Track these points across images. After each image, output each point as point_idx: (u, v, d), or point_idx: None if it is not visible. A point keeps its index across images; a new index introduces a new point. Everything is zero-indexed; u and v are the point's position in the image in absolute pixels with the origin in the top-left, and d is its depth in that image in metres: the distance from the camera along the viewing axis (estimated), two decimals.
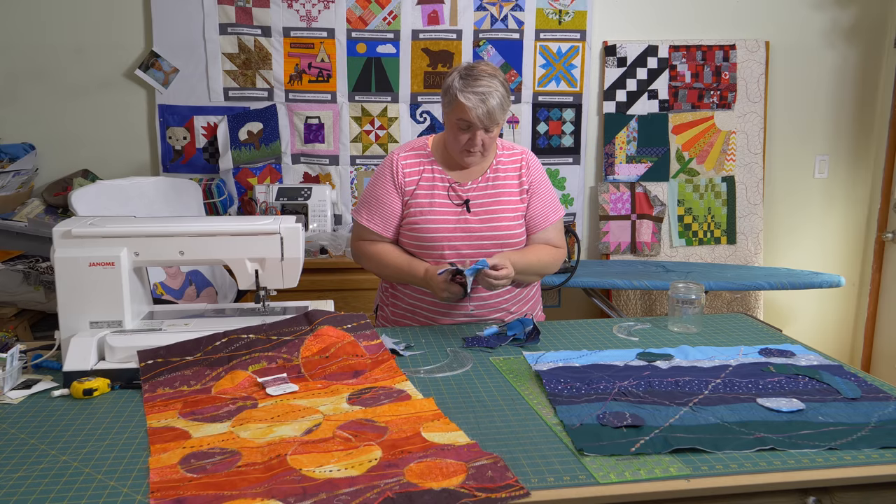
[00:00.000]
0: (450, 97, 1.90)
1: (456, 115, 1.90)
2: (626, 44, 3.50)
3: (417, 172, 2.01)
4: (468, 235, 1.98)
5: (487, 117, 1.86)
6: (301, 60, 3.34)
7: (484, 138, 1.92)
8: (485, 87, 1.85)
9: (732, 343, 1.84)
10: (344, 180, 3.45)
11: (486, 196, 2.01)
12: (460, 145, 1.93)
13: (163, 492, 1.11)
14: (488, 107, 1.85)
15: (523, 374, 1.62)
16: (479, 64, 1.92)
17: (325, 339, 1.62)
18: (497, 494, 1.09)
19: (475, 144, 1.92)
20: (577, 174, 3.58)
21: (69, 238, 1.60)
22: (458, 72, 1.91)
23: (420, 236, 1.98)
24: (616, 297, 3.56)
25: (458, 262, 1.93)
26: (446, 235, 1.97)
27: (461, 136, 1.92)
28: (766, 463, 1.21)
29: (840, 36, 3.62)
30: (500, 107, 1.87)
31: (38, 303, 2.66)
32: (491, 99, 1.85)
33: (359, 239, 2.08)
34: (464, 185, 2.01)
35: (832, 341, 3.91)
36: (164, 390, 1.49)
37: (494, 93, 1.86)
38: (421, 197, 1.99)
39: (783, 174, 3.71)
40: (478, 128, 1.89)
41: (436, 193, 2.00)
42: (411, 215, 1.99)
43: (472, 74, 1.88)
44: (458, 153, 1.97)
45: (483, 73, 1.88)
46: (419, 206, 1.99)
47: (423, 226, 1.98)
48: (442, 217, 1.98)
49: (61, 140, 3.28)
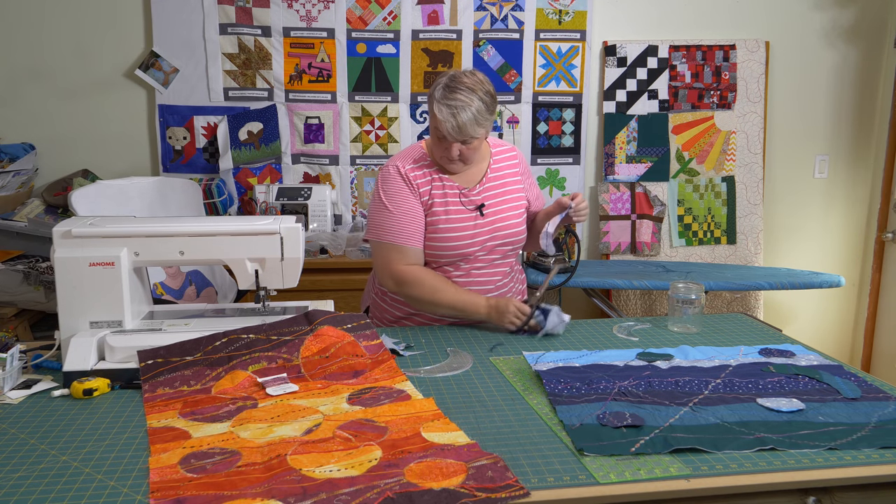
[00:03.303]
0: (429, 105, 1.90)
1: (433, 124, 1.91)
2: (626, 44, 3.50)
3: (428, 182, 1.99)
4: (483, 239, 2.00)
5: (457, 131, 1.85)
6: (301, 60, 3.34)
7: (462, 149, 1.91)
8: (460, 100, 1.83)
9: (732, 343, 1.84)
10: (344, 180, 3.45)
11: (494, 197, 2.03)
12: (440, 154, 1.95)
13: (163, 492, 1.11)
14: (458, 121, 1.83)
15: (523, 374, 1.62)
16: (464, 75, 1.89)
17: (325, 339, 1.62)
18: (497, 494, 1.09)
19: (451, 154, 1.92)
20: (577, 174, 3.58)
21: (69, 238, 1.60)
22: (445, 79, 1.89)
23: (440, 245, 1.97)
24: (616, 297, 3.56)
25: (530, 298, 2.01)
26: (466, 243, 1.98)
27: (439, 145, 1.93)
28: (766, 463, 1.21)
29: (840, 36, 3.62)
30: (471, 121, 1.84)
31: (38, 303, 2.66)
32: (463, 113, 1.83)
33: (396, 263, 1.95)
34: (472, 189, 2.01)
35: (832, 341, 3.91)
36: (164, 390, 1.49)
37: (468, 107, 1.83)
38: (437, 206, 1.97)
39: (783, 174, 3.72)
40: (449, 140, 1.89)
41: (449, 202, 1.99)
42: (431, 225, 1.97)
43: (452, 86, 1.86)
44: (438, 160, 1.98)
45: (463, 85, 1.85)
46: (437, 216, 1.97)
47: (444, 234, 1.96)
48: (461, 224, 1.98)
49: (61, 140, 3.28)
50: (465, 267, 2.01)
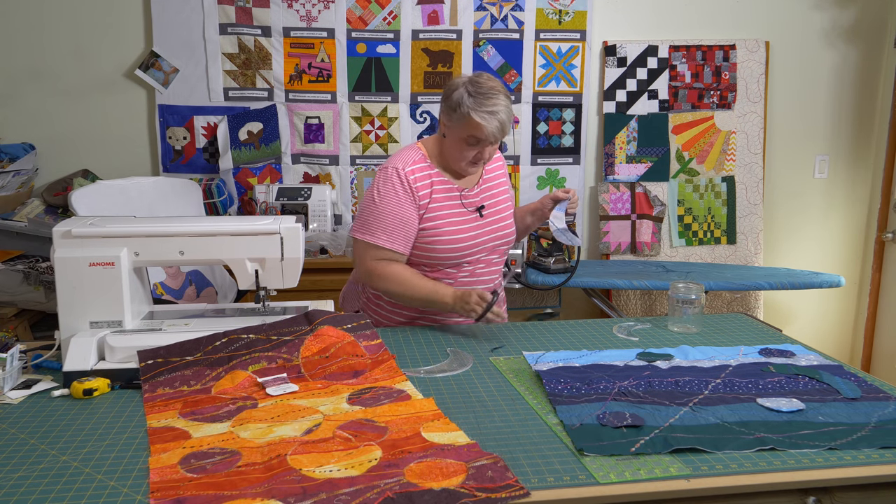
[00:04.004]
0: (460, 114, 1.89)
1: (466, 132, 1.90)
2: (626, 44, 3.50)
3: (428, 185, 1.98)
4: (482, 241, 2.02)
5: (500, 132, 1.91)
6: (301, 60, 3.34)
7: (490, 150, 1.96)
8: (495, 104, 1.88)
9: (732, 343, 1.84)
10: (344, 180, 3.45)
11: (490, 198, 2.07)
12: (466, 159, 1.95)
13: (163, 492, 1.11)
14: (500, 122, 1.89)
15: (523, 374, 1.62)
16: (482, 78, 1.92)
17: (325, 339, 1.62)
18: (497, 494, 1.09)
19: (483, 158, 1.95)
20: (577, 174, 3.58)
21: (69, 238, 1.60)
22: (464, 88, 1.89)
23: (441, 248, 1.97)
24: (616, 297, 3.56)
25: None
26: (467, 245, 1.99)
27: (468, 151, 1.93)
28: (766, 463, 1.21)
29: (840, 36, 3.62)
30: (508, 121, 1.92)
31: (38, 303, 2.66)
32: (501, 114, 1.89)
33: (375, 259, 1.98)
34: (471, 190, 2.04)
35: (832, 341, 3.91)
36: (164, 390, 1.49)
37: (504, 108, 1.89)
38: (438, 210, 1.98)
39: (783, 174, 3.71)
40: (488, 143, 1.92)
41: (450, 204, 2.00)
42: (431, 229, 1.97)
43: (481, 92, 1.88)
44: (461, 165, 1.98)
45: (492, 90, 1.89)
46: (438, 220, 1.97)
47: (446, 237, 1.97)
48: (461, 227, 1.99)
49: (61, 140, 3.28)
50: (468, 268, 2.02)
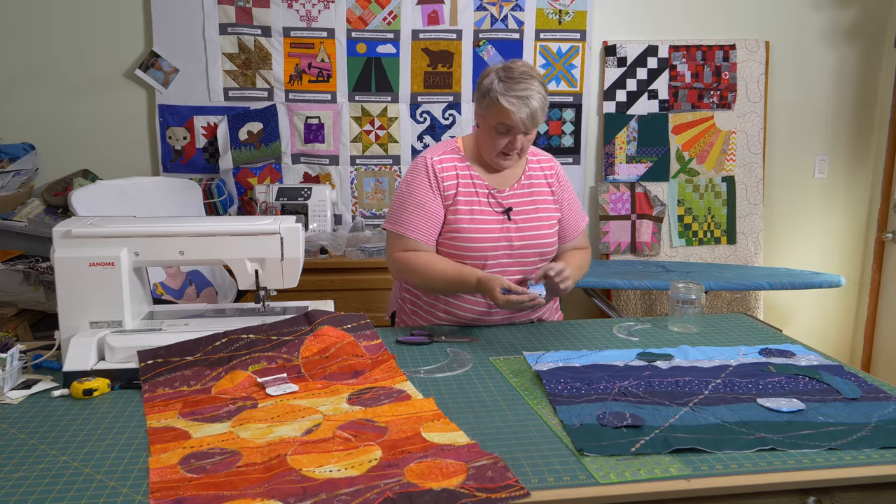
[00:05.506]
0: (489, 100, 1.83)
1: (496, 119, 1.84)
2: (626, 44, 3.50)
3: (454, 177, 1.93)
4: (509, 245, 1.94)
5: (530, 120, 1.82)
6: (301, 60, 3.34)
7: (523, 141, 1.88)
8: (525, 89, 1.80)
9: (732, 343, 1.84)
10: (344, 180, 3.45)
11: (524, 203, 1.98)
12: (497, 149, 1.88)
13: (163, 492, 1.11)
14: (531, 109, 1.81)
15: (523, 374, 1.62)
16: (516, 64, 1.85)
17: (325, 339, 1.62)
18: (497, 494, 1.09)
19: (514, 148, 1.87)
20: (578, 174, 3.58)
21: (69, 238, 1.60)
22: (495, 73, 1.84)
23: (462, 245, 1.91)
24: (616, 297, 3.56)
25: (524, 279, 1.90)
26: (489, 245, 1.92)
27: (499, 140, 1.87)
28: (766, 463, 1.21)
29: (840, 36, 3.62)
30: (541, 108, 1.83)
31: (38, 303, 2.66)
32: (533, 101, 1.80)
33: (400, 250, 1.93)
34: (502, 191, 1.96)
35: (832, 341, 3.91)
36: (164, 390, 1.49)
37: (536, 94, 1.81)
38: (461, 204, 1.92)
39: (783, 174, 3.71)
40: (519, 131, 1.84)
41: (477, 200, 1.93)
42: (453, 223, 1.92)
43: (513, 77, 1.82)
44: (493, 157, 1.91)
45: (523, 74, 1.82)
46: (461, 214, 1.92)
47: (467, 234, 1.91)
48: (486, 226, 1.92)
49: (61, 140, 3.28)
50: (495, 270, 1.92)
